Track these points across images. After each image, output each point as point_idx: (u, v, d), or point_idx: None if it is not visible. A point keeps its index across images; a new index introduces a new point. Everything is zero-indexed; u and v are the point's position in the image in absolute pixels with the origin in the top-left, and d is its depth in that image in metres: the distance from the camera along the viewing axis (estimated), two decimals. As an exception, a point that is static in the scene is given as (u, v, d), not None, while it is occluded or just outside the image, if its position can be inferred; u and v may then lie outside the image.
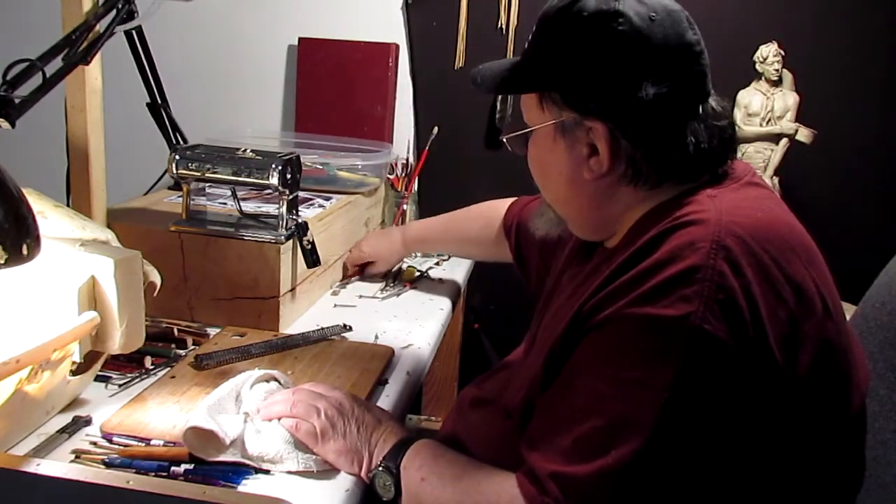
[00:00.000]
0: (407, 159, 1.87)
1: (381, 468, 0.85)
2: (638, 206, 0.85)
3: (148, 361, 1.07)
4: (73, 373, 0.92)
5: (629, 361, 0.72)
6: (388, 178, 1.82)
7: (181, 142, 1.54)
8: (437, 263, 1.74)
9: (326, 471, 0.86)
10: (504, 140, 0.94)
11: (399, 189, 1.82)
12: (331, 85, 1.93)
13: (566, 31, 0.83)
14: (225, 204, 1.41)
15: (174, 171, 1.24)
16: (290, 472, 0.85)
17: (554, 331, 0.83)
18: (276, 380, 0.97)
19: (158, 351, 1.11)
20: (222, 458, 0.84)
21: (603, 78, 0.81)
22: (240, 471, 0.84)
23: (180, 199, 1.29)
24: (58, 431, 0.88)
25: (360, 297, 1.46)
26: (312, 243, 1.27)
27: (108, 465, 0.83)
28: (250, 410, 0.90)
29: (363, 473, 0.86)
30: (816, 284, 0.75)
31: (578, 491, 0.70)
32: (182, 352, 1.13)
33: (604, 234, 0.91)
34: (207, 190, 1.38)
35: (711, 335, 0.68)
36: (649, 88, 0.80)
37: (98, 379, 1.01)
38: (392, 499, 0.85)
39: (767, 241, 0.73)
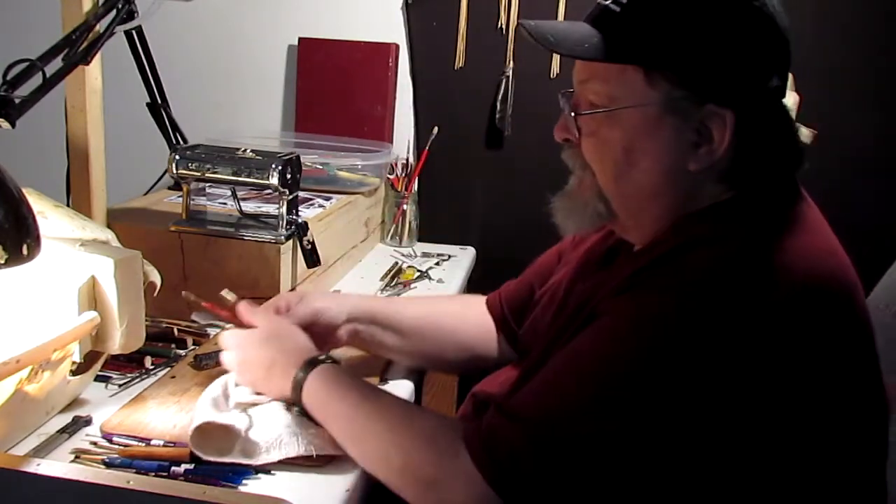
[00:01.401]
0: (407, 159, 1.87)
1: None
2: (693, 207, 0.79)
3: (148, 361, 1.07)
4: (73, 373, 0.92)
5: (606, 350, 0.72)
6: (388, 178, 1.82)
7: (181, 142, 1.54)
8: (437, 263, 1.74)
9: (326, 462, 0.86)
10: (571, 117, 0.81)
11: (399, 189, 1.82)
12: (331, 85, 1.92)
13: (699, 4, 0.74)
14: (225, 204, 1.41)
15: (174, 171, 1.24)
16: (287, 460, 0.85)
17: (566, 330, 0.82)
18: None
19: (158, 351, 1.11)
20: (228, 457, 0.84)
21: (739, 60, 0.74)
22: (240, 471, 0.83)
23: (180, 199, 1.29)
24: (58, 431, 0.88)
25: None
26: (312, 243, 1.27)
27: (108, 465, 0.83)
28: (241, 402, 0.92)
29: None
30: (846, 310, 0.72)
31: (504, 434, 0.71)
32: (182, 352, 1.13)
33: (652, 236, 0.83)
34: (207, 190, 1.38)
35: (674, 348, 0.68)
36: (775, 80, 0.75)
37: (98, 379, 1.00)
38: None
39: (791, 269, 0.70)
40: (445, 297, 1.25)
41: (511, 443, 0.71)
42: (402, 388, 1.09)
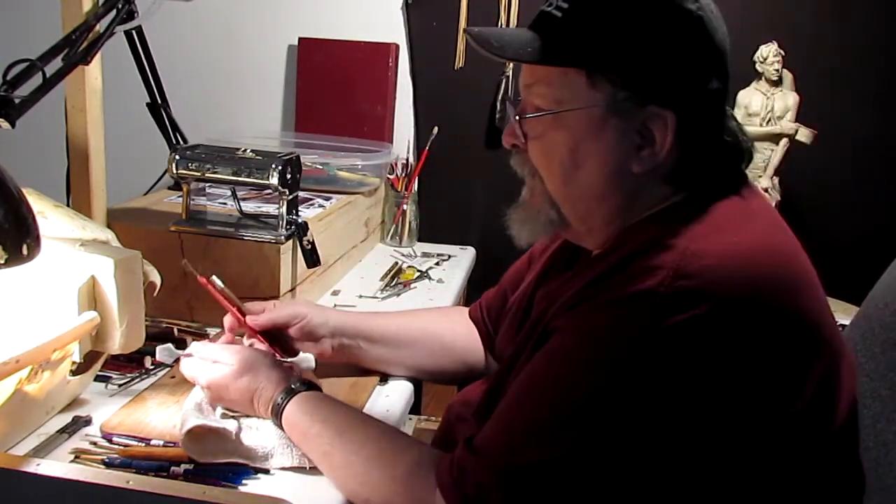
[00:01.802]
0: (407, 159, 1.87)
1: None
2: (636, 211, 0.80)
3: (148, 361, 1.07)
4: (73, 373, 0.92)
5: (561, 371, 0.72)
6: (388, 178, 1.82)
7: (181, 142, 1.54)
8: (437, 263, 1.74)
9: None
10: (516, 121, 0.81)
11: (399, 189, 1.82)
12: (331, 85, 1.93)
13: (639, 7, 0.75)
14: (225, 204, 1.41)
15: (174, 171, 1.24)
16: (283, 469, 0.85)
17: (526, 343, 0.83)
18: None
19: (158, 351, 1.11)
20: (222, 458, 0.84)
21: (678, 62, 0.75)
22: (240, 471, 0.84)
23: (180, 199, 1.29)
24: (58, 431, 0.88)
25: (360, 297, 1.46)
26: (312, 243, 1.27)
27: (108, 465, 0.83)
28: (228, 413, 0.92)
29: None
30: (793, 312, 0.72)
31: (475, 478, 0.71)
32: (182, 352, 1.13)
33: (598, 240, 0.84)
34: (207, 190, 1.38)
35: (642, 360, 0.67)
36: (714, 82, 0.76)
37: (98, 379, 1.00)
38: None
39: (734, 272, 0.69)
40: (430, 309, 1.24)
41: (478, 479, 0.71)
42: (402, 388, 1.09)
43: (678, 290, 0.67)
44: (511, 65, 1.83)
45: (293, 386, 0.90)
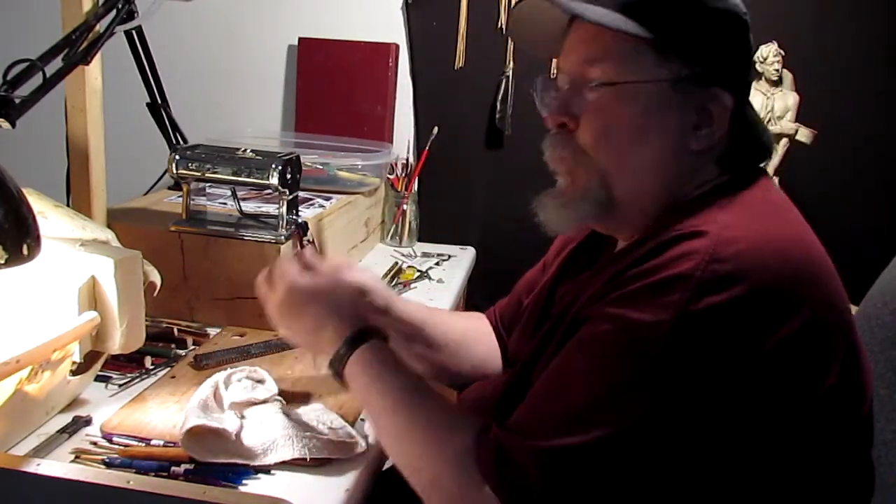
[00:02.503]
0: (407, 159, 1.87)
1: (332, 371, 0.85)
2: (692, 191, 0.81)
3: (148, 361, 1.07)
4: (73, 373, 0.92)
5: (598, 357, 0.72)
6: (388, 178, 1.82)
7: (181, 142, 1.54)
8: (437, 263, 1.74)
9: (321, 464, 0.86)
10: (575, 96, 0.81)
11: (399, 189, 1.82)
12: (331, 85, 1.93)
13: None
14: (225, 204, 1.41)
15: (174, 171, 1.24)
16: (283, 462, 0.85)
17: (552, 335, 0.83)
18: (251, 378, 0.98)
19: (158, 351, 1.11)
20: (222, 458, 0.84)
21: (737, 47, 0.81)
22: (240, 471, 0.84)
23: (180, 199, 1.29)
24: (58, 431, 0.88)
25: (361, 297, 1.46)
26: (312, 243, 1.27)
27: (108, 465, 0.83)
28: (237, 402, 0.92)
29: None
30: (824, 297, 0.73)
31: (516, 461, 0.71)
32: (182, 352, 1.13)
33: (641, 226, 0.83)
34: (207, 190, 1.38)
35: (680, 345, 0.68)
36: (753, 73, 0.83)
37: (98, 379, 1.00)
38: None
39: (768, 257, 0.70)
40: (461, 314, 1.22)
41: (518, 460, 0.71)
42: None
43: (714, 273, 0.68)
44: (511, 64, 1.83)
45: (362, 331, 0.85)
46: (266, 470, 0.85)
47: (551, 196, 0.87)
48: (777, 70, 1.72)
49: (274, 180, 1.20)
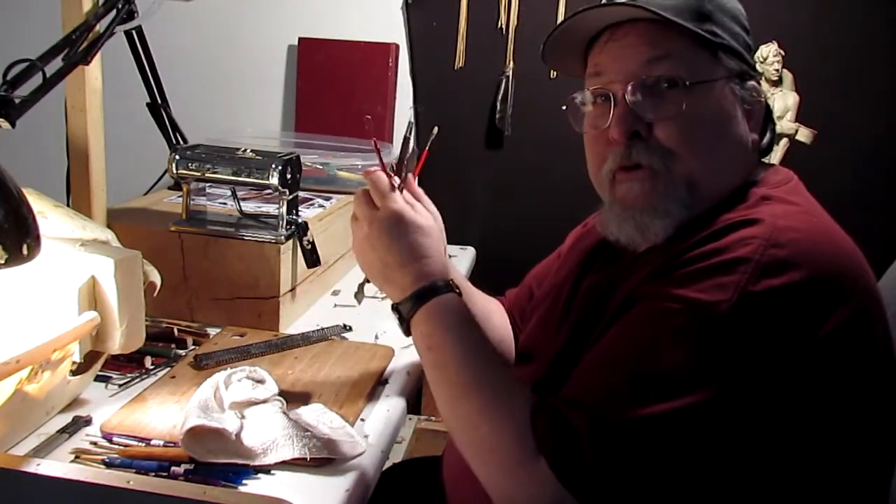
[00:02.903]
0: (407, 159, 1.87)
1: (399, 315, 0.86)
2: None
3: (148, 361, 1.07)
4: (73, 373, 0.92)
5: (661, 333, 0.72)
6: (389, 178, 1.82)
7: (181, 142, 1.54)
8: (438, 263, 1.74)
9: (321, 464, 0.86)
10: (645, 98, 0.80)
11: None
12: (331, 85, 1.93)
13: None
14: (225, 204, 1.41)
15: (174, 171, 1.24)
16: (283, 462, 0.85)
17: (591, 323, 0.83)
18: (251, 378, 0.98)
19: (158, 351, 1.11)
20: (222, 458, 0.84)
21: (748, 50, 0.85)
22: (240, 471, 0.84)
23: (180, 199, 1.29)
24: (58, 431, 0.88)
25: (361, 297, 1.46)
26: (312, 243, 1.27)
27: (108, 465, 0.83)
28: (237, 402, 0.92)
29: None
30: (869, 289, 0.75)
31: (570, 428, 0.70)
32: (182, 352, 1.13)
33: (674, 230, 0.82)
34: (207, 190, 1.38)
35: (739, 325, 0.69)
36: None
37: (98, 379, 1.00)
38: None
39: (821, 244, 0.73)
40: (483, 294, 1.19)
41: (573, 428, 0.70)
42: (403, 388, 1.09)
43: (773, 258, 0.70)
44: (511, 64, 1.83)
45: (448, 282, 0.85)
46: (266, 470, 0.85)
47: (623, 208, 0.84)
48: (777, 70, 1.72)
49: (274, 180, 1.20)
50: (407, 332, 0.85)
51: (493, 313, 1.14)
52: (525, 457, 0.71)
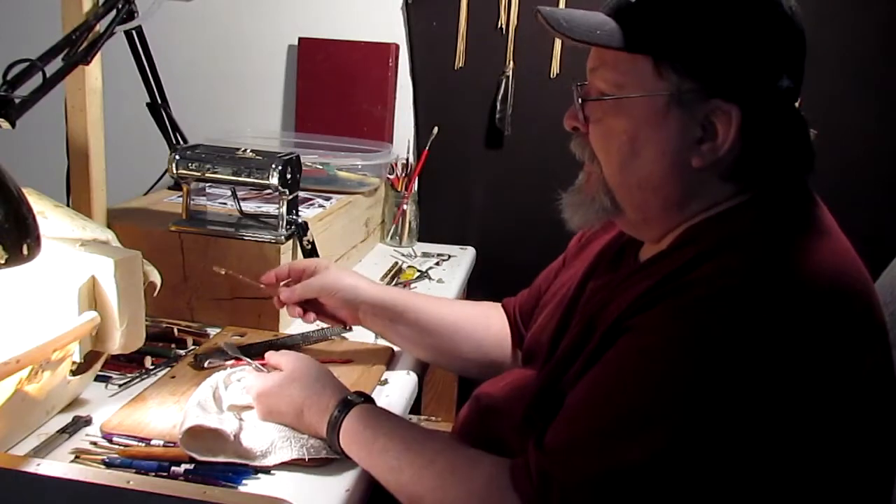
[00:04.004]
0: (407, 159, 1.87)
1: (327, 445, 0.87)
2: (698, 210, 0.79)
3: (148, 361, 1.07)
4: (73, 373, 0.92)
5: (644, 371, 0.70)
6: (388, 178, 1.82)
7: (181, 142, 1.54)
8: (437, 263, 1.74)
9: (320, 464, 0.86)
10: (578, 104, 0.82)
11: (399, 189, 1.82)
12: (331, 85, 1.92)
13: (706, 2, 0.75)
14: (225, 204, 1.41)
15: (174, 171, 1.24)
16: (283, 463, 0.85)
17: (584, 339, 0.81)
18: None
19: (158, 351, 1.11)
20: (221, 457, 0.84)
21: (750, 56, 0.74)
22: (240, 471, 0.84)
23: (180, 199, 1.29)
24: (58, 431, 0.88)
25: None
26: (312, 243, 1.27)
27: (108, 465, 0.83)
28: (235, 405, 0.92)
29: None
30: (875, 314, 0.72)
31: (561, 485, 0.69)
32: (182, 352, 1.13)
33: (650, 234, 0.84)
34: (207, 190, 1.38)
35: (723, 360, 0.66)
36: (785, 80, 0.75)
37: (98, 379, 1.00)
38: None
39: (819, 273, 0.69)
40: (468, 302, 1.22)
41: (565, 485, 0.69)
42: (403, 388, 1.09)
43: (760, 289, 0.67)
44: (511, 64, 1.83)
45: (349, 398, 0.88)
46: (266, 470, 0.85)
47: (570, 193, 0.87)
48: (777, 70, 1.72)
49: (274, 180, 1.20)
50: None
51: (472, 319, 1.14)
52: None
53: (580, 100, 0.81)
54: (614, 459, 0.67)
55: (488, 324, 1.14)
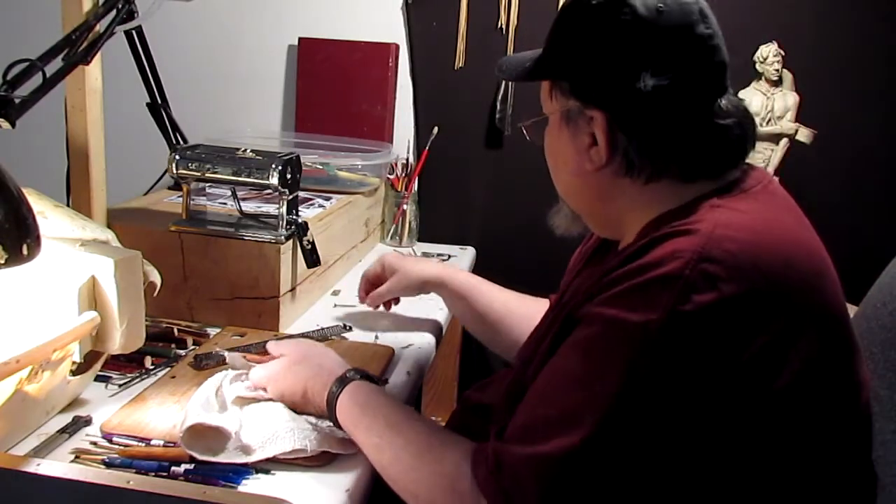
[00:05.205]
0: (407, 159, 1.87)
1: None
2: (642, 207, 0.82)
3: (148, 361, 1.07)
4: (73, 373, 0.92)
5: (587, 358, 0.73)
6: (388, 178, 1.82)
7: (181, 142, 1.54)
8: (437, 263, 1.74)
9: (321, 464, 0.86)
10: (522, 128, 0.94)
11: (399, 189, 1.82)
12: (331, 85, 1.93)
13: (576, 20, 0.83)
14: (225, 204, 1.41)
15: (174, 171, 1.24)
16: (284, 461, 0.85)
17: (562, 334, 0.83)
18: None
19: (158, 351, 1.11)
20: (222, 457, 0.84)
21: (604, 67, 0.80)
22: (240, 471, 0.84)
23: (180, 199, 1.29)
24: (58, 431, 0.88)
25: (360, 297, 1.46)
26: (312, 243, 1.27)
27: (108, 465, 0.83)
28: (242, 396, 0.93)
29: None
30: (819, 299, 0.73)
31: (512, 469, 0.72)
32: (182, 352, 1.13)
33: (615, 233, 0.90)
34: (207, 190, 1.38)
35: (668, 344, 0.68)
36: (648, 80, 0.78)
37: (98, 379, 1.01)
38: None
39: (760, 256, 0.70)
40: (522, 297, 1.27)
41: (514, 469, 0.72)
42: (403, 388, 1.09)
43: (703, 273, 0.68)
44: (511, 65, 1.83)
45: (347, 375, 0.92)
46: (266, 470, 0.85)
47: (557, 204, 0.97)
48: (777, 70, 1.72)
49: (274, 180, 1.20)
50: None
51: (517, 312, 1.22)
52: (457, 497, 0.76)
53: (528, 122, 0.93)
54: (556, 445, 0.70)
55: (531, 319, 1.15)
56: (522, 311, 1.21)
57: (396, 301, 1.35)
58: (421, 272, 1.28)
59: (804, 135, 1.73)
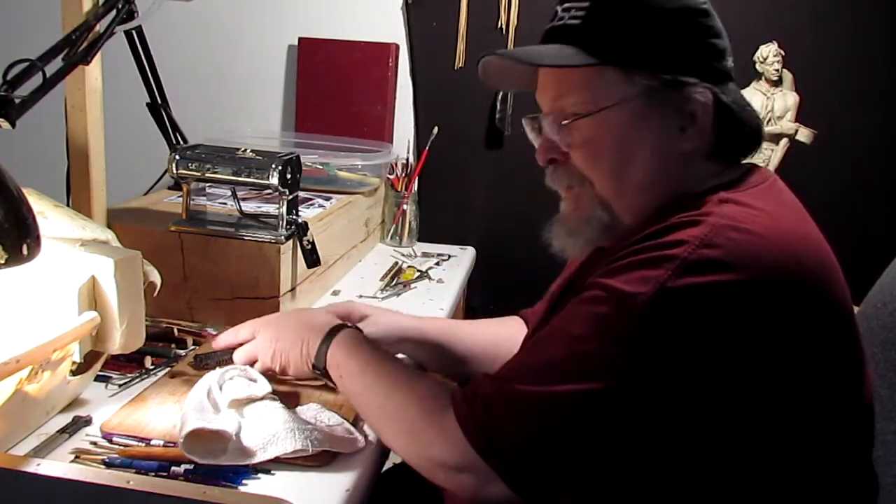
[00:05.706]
0: (407, 159, 1.87)
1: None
2: (692, 186, 0.82)
3: (148, 361, 1.07)
4: (73, 373, 0.92)
5: (577, 320, 0.75)
6: (388, 178, 1.82)
7: (181, 142, 1.54)
8: (437, 263, 1.74)
9: (321, 463, 0.86)
10: (555, 132, 0.85)
11: (399, 189, 1.82)
12: (331, 85, 1.93)
13: (651, 4, 0.81)
14: (225, 204, 1.41)
15: (174, 171, 1.24)
16: (285, 461, 0.85)
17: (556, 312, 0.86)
18: (244, 377, 0.98)
19: (158, 351, 1.11)
20: (223, 460, 0.84)
21: (698, 43, 0.81)
22: (240, 471, 0.83)
23: (180, 199, 1.29)
24: (58, 431, 0.88)
25: (360, 297, 1.46)
26: (312, 243, 1.27)
27: (108, 465, 0.83)
28: (237, 398, 0.92)
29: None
30: (826, 296, 0.73)
31: (483, 399, 0.77)
32: (182, 352, 1.13)
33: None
34: (207, 190, 1.38)
35: (656, 320, 0.69)
36: (729, 61, 0.83)
37: (98, 379, 1.00)
38: None
39: (766, 249, 0.71)
40: (494, 322, 1.23)
41: (487, 398, 0.76)
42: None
43: (701, 257, 0.69)
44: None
45: (335, 326, 0.97)
46: (266, 470, 0.85)
47: (559, 223, 0.90)
48: (777, 70, 1.72)
49: (274, 180, 1.20)
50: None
51: (507, 341, 1.12)
52: (432, 417, 0.80)
53: (557, 125, 0.84)
54: (531, 387, 0.74)
55: (515, 343, 1.14)
56: (504, 338, 1.15)
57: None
58: (398, 321, 1.13)
59: (804, 135, 1.73)
